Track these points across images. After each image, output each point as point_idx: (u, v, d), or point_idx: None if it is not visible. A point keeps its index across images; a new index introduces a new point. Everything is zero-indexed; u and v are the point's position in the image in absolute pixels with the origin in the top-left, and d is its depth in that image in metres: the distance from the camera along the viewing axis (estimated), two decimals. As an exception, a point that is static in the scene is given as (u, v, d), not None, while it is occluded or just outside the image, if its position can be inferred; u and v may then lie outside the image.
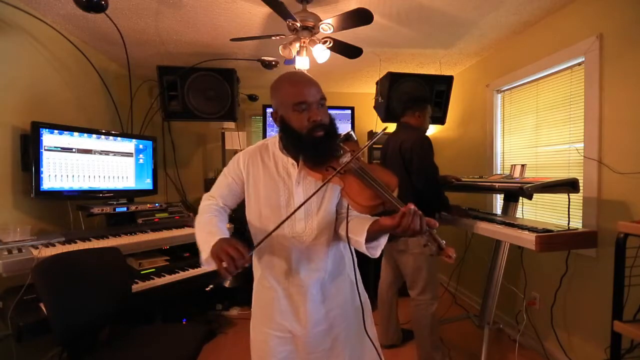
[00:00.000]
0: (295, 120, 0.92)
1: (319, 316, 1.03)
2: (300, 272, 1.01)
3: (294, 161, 0.99)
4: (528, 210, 2.38)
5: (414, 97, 2.29)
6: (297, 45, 2.00)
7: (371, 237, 0.89)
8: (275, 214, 0.99)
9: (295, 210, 0.89)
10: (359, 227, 0.92)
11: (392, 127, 2.46)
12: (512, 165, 2.08)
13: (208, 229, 0.95)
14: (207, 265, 0.89)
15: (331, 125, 0.94)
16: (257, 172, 1.02)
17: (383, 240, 0.92)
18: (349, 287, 1.09)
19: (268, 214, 1.00)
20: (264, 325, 1.06)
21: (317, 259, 1.01)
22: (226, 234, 0.92)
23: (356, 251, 1.06)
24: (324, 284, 1.04)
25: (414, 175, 1.95)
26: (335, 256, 1.05)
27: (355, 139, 0.98)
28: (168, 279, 1.92)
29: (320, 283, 1.03)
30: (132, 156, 2.39)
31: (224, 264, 0.79)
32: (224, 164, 3.38)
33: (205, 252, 0.89)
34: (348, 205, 0.94)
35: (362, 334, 1.07)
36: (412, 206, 0.78)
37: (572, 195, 1.83)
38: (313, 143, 0.91)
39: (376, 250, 0.93)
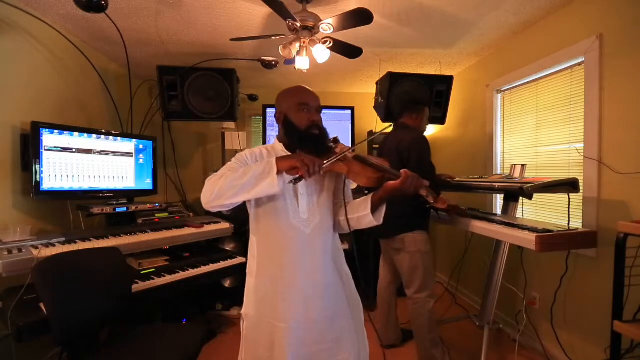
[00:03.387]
0: (297, 118, 1.10)
1: (323, 304, 1.09)
2: (303, 260, 1.08)
3: None
4: (528, 210, 2.38)
5: (412, 99, 2.30)
6: (297, 45, 2.00)
7: (376, 206, 1.09)
8: (281, 201, 1.09)
9: (338, 156, 1.02)
10: (359, 205, 1.12)
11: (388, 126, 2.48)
12: (512, 165, 2.08)
13: (247, 168, 0.99)
14: (277, 180, 0.93)
15: (325, 129, 1.12)
16: None
17: (383, 208, 1.11)
18: (346, 278, 1.20)
19: (274, 202, 1.09)
20: (267, 317, 1.08)
21: (317, 248, 1.11)
22: None
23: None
24: (325, 274, 1.12)
25: None
26: (333, 247, 1.16)
27: (340, 141, 1.14)
28: (168, 279, 1.92)
29: (322, 272, 1.11)
30: (132, 156, 2.39)
31: (307, 166, 0.91)
32: (224, 164, 3.38)
33: (270, 171, 0.94)
34: (344, 191, 1.15)
35: (362, 326, 1.19)
36: (407, 170, 1.02)
37: (572, 195, 1.83)
38: (311, 138, 1.08)
39: (380, 216, 1.11)
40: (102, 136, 2.19)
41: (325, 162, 0.98)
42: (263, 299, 1.10)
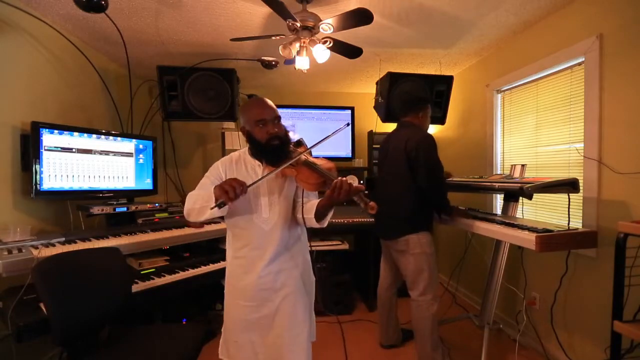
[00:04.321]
0: (257, 133, 1.23)
1: (278, 286, 1.28)
2: (263, 251, 1.27)
3: (259, 163, 1.30)
4: (528, 210, 2.38)
5: (414, 98, 2.28)
6: (297, 45, 2.00)
7: (320, 212, 1.21)
8: (245, 205, 1.27)
9: (269, 174, 1.17)
10: (310, 208, 1.25)
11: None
12: (512, 165, 2.08)
13: (203, 193, 1.18)
14: (216, 209, 1.05)
15: (285, 136, 1.25)
16: (232, 173, 1.31)
17: (329, 213, 1.24)
18: (305, 264, 1.37)
19: (240, 206, 1.27)
20: (235, 298, 1.31)
21: (275, 241, 1.27)
22: None
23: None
24: (281, 261, 1.29)
25: (419, 173, 1.94)
26: (290, 239, 1.32)
27: (304, 143, 1.29)
28: (168, 279, 1.92)
29: (278, 260, 1.29)
30: (132, 156, 2.39)
31: (226, 192, 1.02)
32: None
33: (210, 200, 1.09)
34: (302, 195, 1.28)
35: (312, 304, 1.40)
36: (341, 178, 1.09)
37: (572, 195, 1.83)
38: (271, 149, 1.22)
39: (325, 222, 1.26)
40: (102, 136, 2.19)
41: (257, 179, 1.13)
42: (232, 282, 1.33)
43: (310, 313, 1.39)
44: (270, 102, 1.27)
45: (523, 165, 2.02)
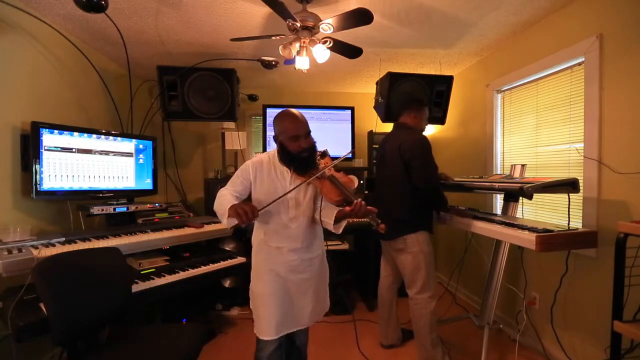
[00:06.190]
0: (290, 146, 1.40)
1: (300, 272, 1.51)
2: (288, 245, 1.48)
3: (287, 169, 1.46)
4: (528, 210, 2.38)
5: (411, 98, 2.29)
6: (297, 45, 2.00)
7: (337, 219, 1.42)
8: (276, 206, 1.44)
9: (294, 188, 1.40)
10: (329, 214, 1.44)
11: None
12: (512, 165, 2.08)
13: (226, 201, 1.35)
14: (228, 224, 1.29)
15: (312, 148, 1.43)
16: (262, 175, 1.48)
17: (344, 222, 1.45)
18: (320, 254, 1.59)
19: (272, 207, 1.41)
20: (265, 274, 1.49)
21: (298, 237, 1.48)
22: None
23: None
24: (303, 253, 1.51)
25: (414, 175, 1.96)
26: (312, 234, 1.54)
27: (329, 154, 1.47)
28: (168, 279, 1.92)
29: (300, 252, 1.50)
30: (132, 156, 2.39)
31: (240, 217, 1.21)
32: (224, 164, 3.40)
33: (225, 216, 1.29)
34: (321, 200, 1.46)
35: (325, 287, 1.65)
36: (360, 200, 1.29)
37: (572, 195, 1.83)
38: (300, 160, 1.40)
39: (340, 228, 1.45)
40: (102, 136, 2.19)
41: (268, 203, 1.33)
42: (262, 261, 1.52)
43: (325, 295, 1.63)
44: (302, 116, 1.43)
45: (523, 165, 2.02)
